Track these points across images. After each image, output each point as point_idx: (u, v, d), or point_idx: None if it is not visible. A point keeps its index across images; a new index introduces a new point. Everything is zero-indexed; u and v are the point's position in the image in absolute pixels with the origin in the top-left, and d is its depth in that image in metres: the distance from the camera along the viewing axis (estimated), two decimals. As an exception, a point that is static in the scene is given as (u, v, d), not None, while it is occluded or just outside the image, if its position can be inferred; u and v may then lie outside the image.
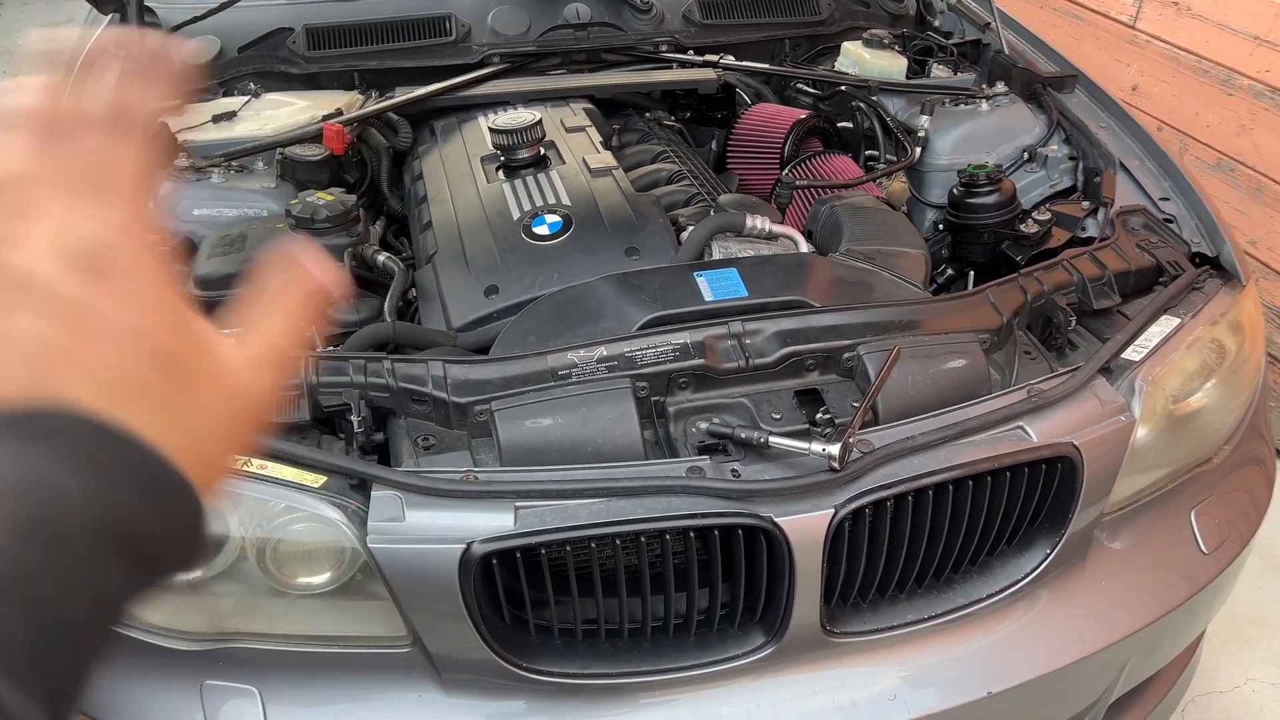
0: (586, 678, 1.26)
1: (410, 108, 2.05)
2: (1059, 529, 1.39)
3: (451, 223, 1.72)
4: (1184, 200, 1.77)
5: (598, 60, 2.29)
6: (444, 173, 1.89)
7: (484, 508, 1.19)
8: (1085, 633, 1.41)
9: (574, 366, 1.32)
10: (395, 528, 1.17)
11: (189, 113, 1.97)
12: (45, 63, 0.42)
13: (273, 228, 1.63)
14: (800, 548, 1.22)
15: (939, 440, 1.28)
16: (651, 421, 1.34)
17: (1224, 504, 1.58)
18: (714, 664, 1.29)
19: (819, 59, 2.46)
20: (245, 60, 2.15)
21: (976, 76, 2.24)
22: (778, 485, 1.21)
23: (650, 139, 2.16)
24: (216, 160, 1.80)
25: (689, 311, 1.41)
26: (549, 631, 1.28)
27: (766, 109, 2.20)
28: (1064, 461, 1.34)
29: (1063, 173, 1.97)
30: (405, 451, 1.30)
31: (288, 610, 1.26)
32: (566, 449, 1.26)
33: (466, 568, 1.17)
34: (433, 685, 1.26)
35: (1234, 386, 1.57)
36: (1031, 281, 1.52)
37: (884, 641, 1.34)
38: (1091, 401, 1.37)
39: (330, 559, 1.23)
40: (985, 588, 1.38)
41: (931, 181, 2.02)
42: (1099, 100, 2.07)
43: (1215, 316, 1.55)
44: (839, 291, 1.49)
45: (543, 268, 1.58)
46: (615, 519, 1.19)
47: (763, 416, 1.33)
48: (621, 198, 1.72)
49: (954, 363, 1.38)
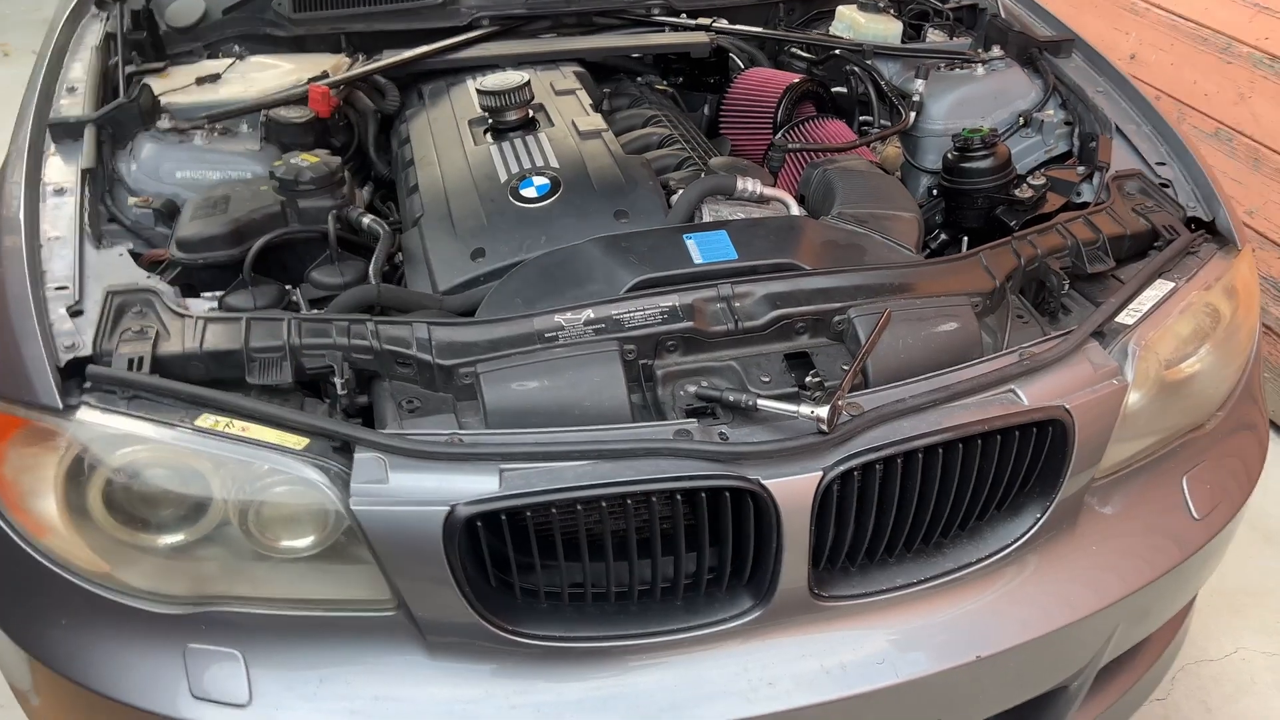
0: (573, 641, 1.26)
1: (398, 71, 2.03)
2: (1050, 493, 1.38)
3: (438, 185, 1.69)
4: (1180, 165, 1.75)
5: (589, 24, 2.26)
6: (431, 136, 1.86)
7: (469, 470, 1.17)
8: (1075, 597, 1.41)
9: (561, 329, 1.30)
10: (379, 490, 1.16)
11: (173, 75, 1.95)
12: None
13: (257, 190, 1.60)
14: (788, 511, 1.21)
15: (929, 403, 1.27)
16: (639, 385, 1.32)
17: (1216, 470, 1.57)
18: (701, 627, 1.28)
19: (813, 23, 2.43)
20: (230, 22, 2.12)
21: (972, 41, 2.21)
22: (766, 448, 1.20)
23: (641, 103, 2.13)
24: (200, 123, 1.77)
25: (678, 274, 1.40)
26: (535, 595, 1.27)
27: (760, 73, 2.17)
28: (1055, 425, 1.33)
29: (1058, 138, 1.95)
30: (389, 414, 1.28)
31: (271, 574, 1.25)
32: (553, 412, 1.25)
33: (451, 531, 1.16)
34: (418, 649, 1.25)
35: (1228, 352, 1.56)
36: (1025, 245, 1.51)
37: (873, 605, 1.33)
38: (1084, 365, 1.36)
39: (313, 522, 1.22)
40: (975, 552, 1.38)
41: (926, 147, 2.00)
42: (1096, 65, 2.04)
43: (1210, 281, 1.53)
44: (830, 254, 1.48)
45: (530, 230, 1.56)
46: (602, 481, 1.17)
47: (751, 380, 1.31)
48: (611, 160, 1.70)
49: (945, 326, 1.37)
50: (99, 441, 1.21)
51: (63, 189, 1.55)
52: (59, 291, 1.35)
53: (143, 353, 1.25)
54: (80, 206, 1.51)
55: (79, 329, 1.29)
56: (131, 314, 1.33)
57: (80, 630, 1.27)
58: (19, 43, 5.36)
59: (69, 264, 1.40)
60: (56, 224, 1.48)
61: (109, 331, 1.29)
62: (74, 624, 1.27)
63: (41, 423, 1.22)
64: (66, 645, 1.27)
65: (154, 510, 1.23)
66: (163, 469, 1.22)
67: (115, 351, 1.26)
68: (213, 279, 1.52)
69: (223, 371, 1.28)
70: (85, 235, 1.46)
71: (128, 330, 1.30)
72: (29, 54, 5.21)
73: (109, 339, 1.28)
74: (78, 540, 1.24)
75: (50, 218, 1.49)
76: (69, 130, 1.66)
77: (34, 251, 1.41)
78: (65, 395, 1.22)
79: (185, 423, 1.20)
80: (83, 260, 1.41)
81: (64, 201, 1.52)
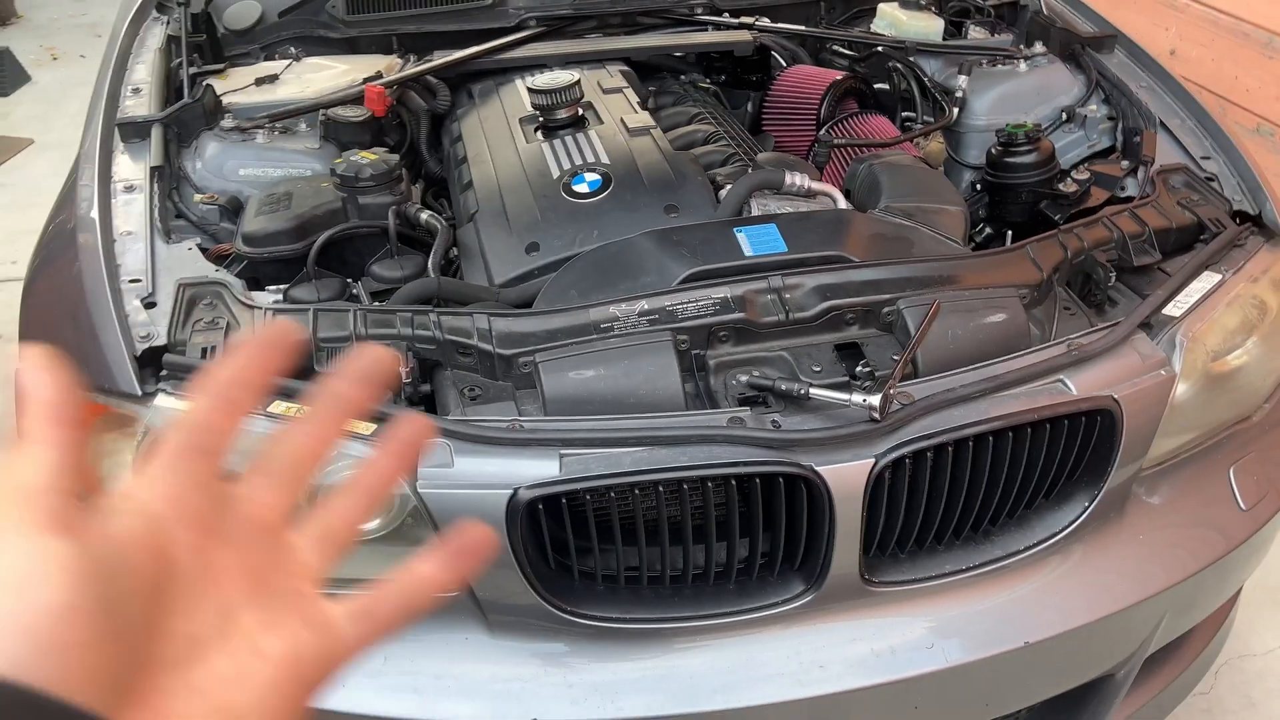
0: (628, 623, 1.29)
1: (448, 71, 2.07)
2: (1098, 483, 1.40)
3: (492, 182, 1.73)
4: (1225, 158, 1.76)
5: (633, 23, 2.29)
6: (483, 134, 1.91)
7: (530, 455, 1.21)
8: (1122, 586, 1.42)
9: (616, 320, 1.34)
10: (444, 474, 1.20)
11: (233, 76, 2.00)
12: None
13: (317, 187, 1.65)
14: (840, 497, 1.24)
15: (979, 392, 1.29)
16: (692, 374, 1.35)
17: (1263, 461, 1.58)
18: (753, 611, 1.31)
19: (854, 21, 2.45)
20: (285, 24, 2.18)
21: (1014, 37, 2.23)
22: (819, 435, 1.23)
23: (686, 101, 2.17)
24: (260, 122, 1.82)
25: (729, 266, 1.43)
26: (592, 577, 1.31)
27: (802, 70, 2.20)
28: (1103, 415, 1.35)
29: (1101, 133, 1.96)
30: (452, 401, 1.32)
31: (338, 555, 1.29)
32: (609, 400, 1.28)
33: (513, 513, 1.20)
34: (479, 627, 1.29)
35: (1275, 344, 1.57)
36: (1071, 237, 1.52)
37: (922, 591, 1.35)
38: (1132, 356, 1.37)
39: (381, 504, 1.26)
40: (1023, 540, 1.40)
41: (969, 142, 2.02)
42: (1139, 60, 2.05)
43: (1257, 273, 1.54)
44: (878, 247, 1.50)
45: (583, 225, 1.59)
46: (658, 466, 1.21)
47: (803, 369, 1.34)
48: (660, 156, 1.73)
49: (994, 317, 1.39)
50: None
51: (133, 186, 1.61)
52: (133, 284, 1.41)
53: (215, 342, 1.30)
54: (150, 203, 1.57)
55: (153, 320, 1.35)
56: (202, 305, 1.38)
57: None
58: (65, 47, 5.49)
59: (141, 258, 1.46)
60: (128, 219, 1.54)
61: (181, 322, 1.34)
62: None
63: (121, 409, 1.28)
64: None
65: (223, 493, 1.28)
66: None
67: (189, 341, 1.31)
68: (277, 273, 1.57)
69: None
70: (155, 230, 1.52)
71: (199, 321, 1.35)
72: (76, 57, 5.36)
73: (182, 329, 1.33)
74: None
75: (122, 213, 1.55)
76: (137, 130, 1.72)
77: (109, 247, 1.46)
78: (143, 383, 1.27)
79: (257, 409, 1.25)
80: (154, 254, 1.47)
81: (134, 198, 1.58)
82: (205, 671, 0.38)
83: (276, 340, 0.43)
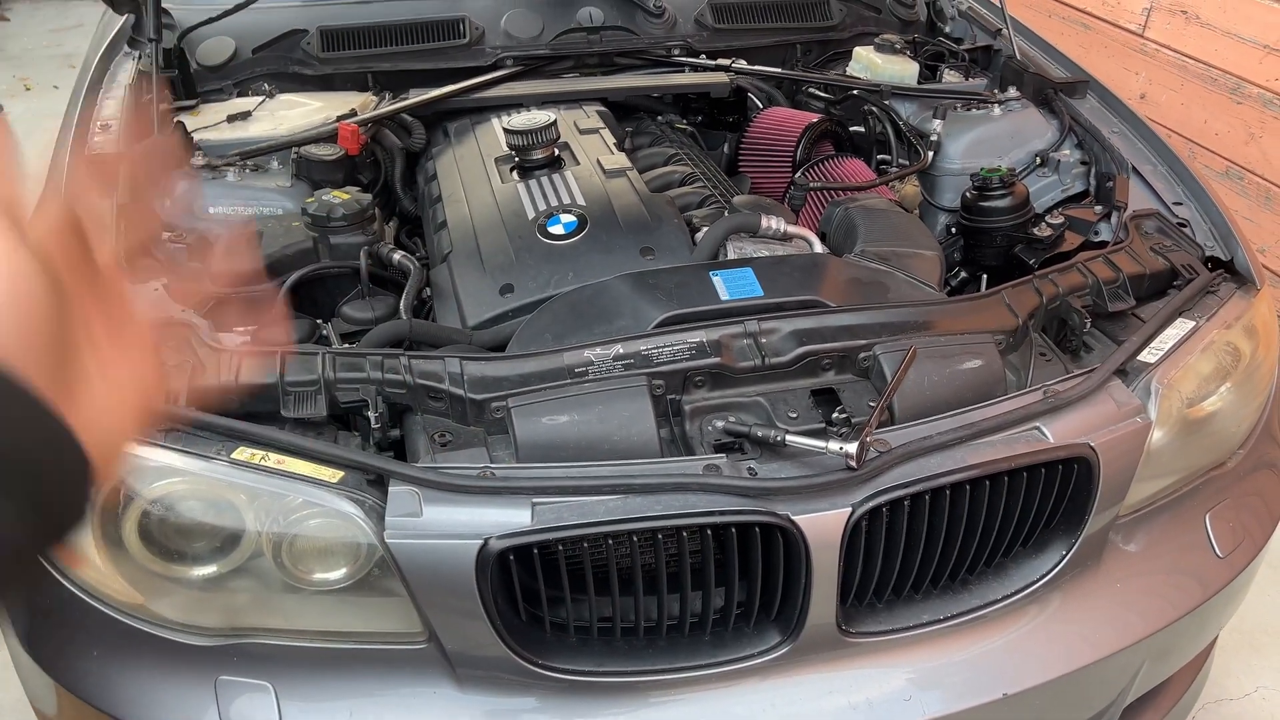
0: (602, 675, 1.26)
1: (424, 109, 2.06)
2: (1074, 530, 1.39)
3: (466, 222, 1.72)
4: (1197, 204, 1.77)
5: (610, 64, 2.30)
6: (458, 173, 1.90)
7: (501, 504, 1.19)
8: (1100, 636, 1.41)
9: (590, 364, 1.32)
10: (413, 523, 1.17)
11: (205, 113, 1.98)
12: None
13: (288, 226, 1.63)
14: (817, 546, 1.22)
15: (956, 440, 1.28)
16: (668, 420, 1.34)
17: (1238, 508, 1.58)
18: (729, 663, 1.28)
19: (830, 64, 2.47)
20: (260, 61, 2.16)
21: (988, 82, 2.25)
22: (795, 483, 1.21)
23: (663, 142, 2.17)
24: (232, 159, 1.80)
25: (705, 310, 1.42)
26: (564, 629, 1.28)
27: (779, 113, 2.21)
28: (1080, 462, 1.34)
29: (1075, 177, 1.98)
30: (422, 447, 1.30)
31: (303, 606, 1.26)
32: (583, 446, 1.26)
33: (484, 564, 1.17)
34: (447, 681, 1.26)
35: (1249, 391, 1.57)
36: (1046, 283, 1.52)
37: (899, 642, 1.33)
38: (1108, 403, 1.37)
39: (346, 554, 1.23)
40: (1001, 589, 1.38)
41: (944, 185, 2.03)
42: (1111, 105, 2.07)
43: (1230, 320, 1.55)
44: (855, 292, 1.50)
45: (558, 267, 1.58)
46: (633, 516, 1.19)
47: (779, 415, 1.33)
48: (636, 198, 1.73)
49: (970, 363, 1.38)
50: (135, 474, 1.22)
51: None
52: (96, 325, 1.37)
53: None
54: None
55: (116, 362, 1.31)
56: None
57: (112, 661, 1.28)
58: (39, 78, 5.45)
59: (106, 298, 1.42)
60: (93, 258, 1.50)
61: None
62: (106, 655, 1.28)
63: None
64: (97, 676, 1.28)
65: (188, 542, 1.24)
66: (198, 501, 1.24)
67: None
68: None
69: (257, 405, 1.30)
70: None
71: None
72: (49, 88, 5.32)
73: None
74: (112, 572, 1.25)
75: (87, 252, 1.52)
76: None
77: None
78: (103, 427, 1.23)
79: (221, 455, 1.22)
80: (119, 294, 1.43)
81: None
82: (92, 373, 0.48)
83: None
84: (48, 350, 0.44)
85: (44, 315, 0.44)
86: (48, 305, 0.45)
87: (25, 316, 0.43)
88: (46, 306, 0.45)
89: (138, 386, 0.51)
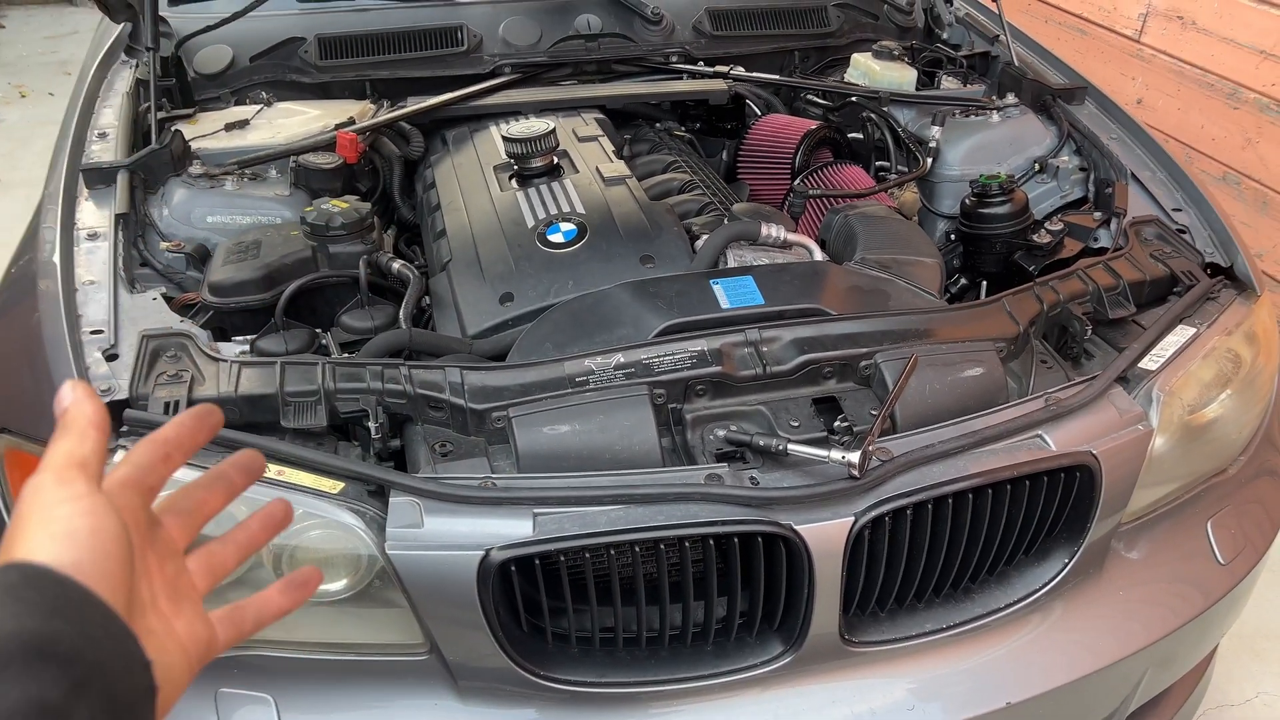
0: (604, 686, 1.26)
1: (422, 117, 2.06)
2: (1077, 538, 1.39)
3: (466, 231, 1.71)
4: (1196, 211, 1.77)
5: (608, 71, 2.30)
6: (457, 181, 1.89)
7: (502, 514, 1.18)
8: (1103, 644, 1.40)
9: (591, 373, 1.32)
10: (413, 534, 1.16)
11: (202, 121, 1.98)
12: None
13: (287, 235, 1.63)
14: (820, 556, 1.22)
15: (958, 448, 1.27)
16: (669, 429, 1.33)
17: (1240, 515, 1.58)
18: (731, 673, 1.28)
19: (828, 70, 2.47)
20: (257, 69, 2.16)
21: (986, 88, 2.25)
22: (797, 493, 1.20)
23: (661, 149, 2.17)
24: (230, 168, 1.80)
25: (706, 319, 1.41)
26: (566, 640, 1.27)
27: (777, 120, 2.21)
28: (1082, 470, 1.34)
29: (1074, 184, 1.98)
30: (423, 458, 1.29)
31: (303, 617, 1.25)
32: (584, 456, 1.26)
33: (485, 575, 1.16)
34: (449, 693, 1.25)
35: (1249, 397, 1.57)
36: (1047, 290, 1.52)
37: (902, 651, 1.33)
38: (1109, 410, 1.37)
39: (347, 566, 1.22)
40: (1003, 597, 1.38)
41: (943, 192, 2.03)
42: (1109, 112, 2.07)
43: (1230, 326, 1.55)
44: (855, 299, 1.49)
45: (558, 275, 1.58)
46: (634, 526, 1.18)
47: (781, 424, 1.32)
48: (636, 206, 1.72)
49: (971, 371, 1.38)
50: None
51: (96, 234, 1.57)
52: (94, 335, 1.37)
53: (178, 396, 1.27)
54: (114, 251, 1.53)
55: (115, 372, 1.31)
56: (166, 358, 1.34)
57: (111, 674, 1.27)
58: (34, 84, 5.45)
59: (104, 308, 1.42)
60: (91, 268, 1.50)
61: (144, 375, 1.31)
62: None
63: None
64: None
65: (188, 553, 1.24)
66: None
67: (151, 395, 1.27)
68: (244, 323, 1.54)
69: (257, 415, 1.29)
70: (119, 280, 1.48)
71: (163, 374, 1.31)
72: (44, 95, 5.31)
73: (145, 383, 1.29)
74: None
75: (85, 262, 1.51)
76: (102, 176, 1.69)
77: (70, 296, 1.43)
78: (102, 439, 1.23)
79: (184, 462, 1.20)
80: (117, 304, 1.43)
81: (98, 246, 1.55)
82: (151, 622, 0.57)
83: (204, 417, 0.67)
84: (120, 578, 0.53)
85: (118, 550, 0.53)
86: (121, 543, 0.54)
87: (103, 546, 0.52)
88: (120, 544, 0.54)
89: (189, 631, 0.59)
